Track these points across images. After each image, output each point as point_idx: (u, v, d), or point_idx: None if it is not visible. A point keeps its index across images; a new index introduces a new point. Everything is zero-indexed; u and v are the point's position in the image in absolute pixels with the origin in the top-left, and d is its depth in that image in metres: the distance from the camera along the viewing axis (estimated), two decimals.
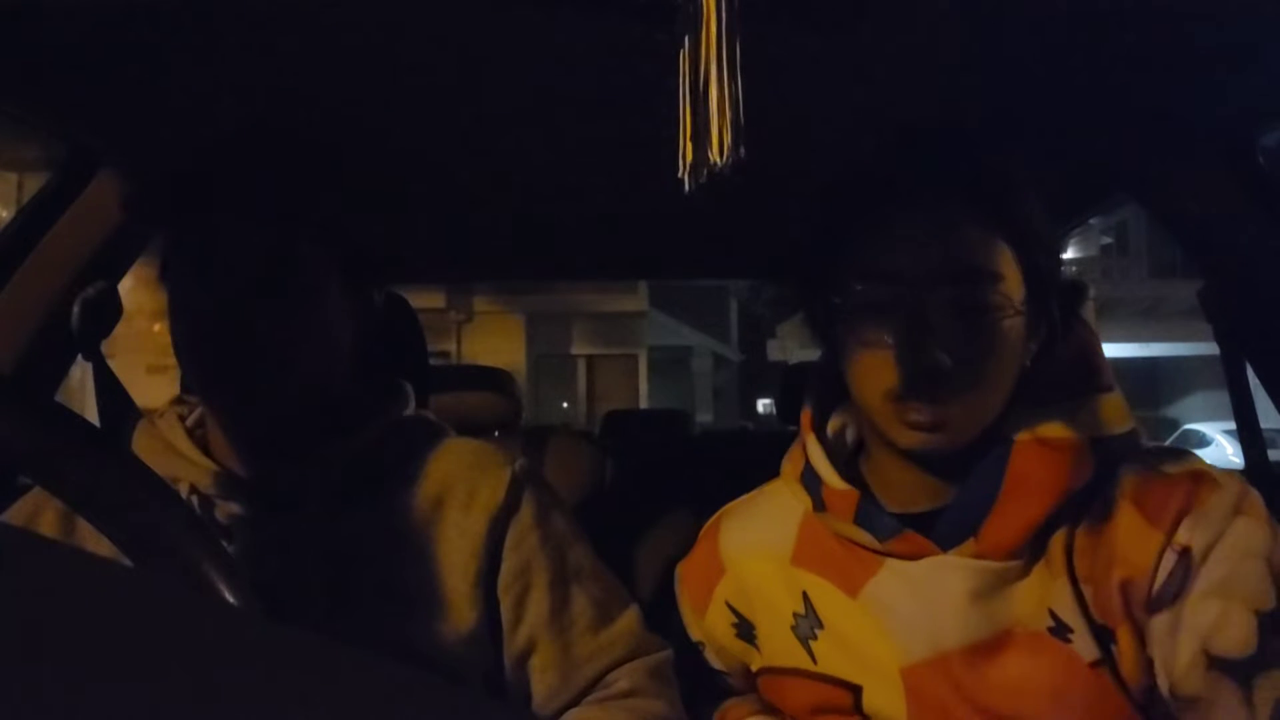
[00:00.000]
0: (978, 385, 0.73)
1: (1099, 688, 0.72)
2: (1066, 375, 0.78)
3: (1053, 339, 0.78)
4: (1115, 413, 0.77)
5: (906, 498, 0.80)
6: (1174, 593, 0.70)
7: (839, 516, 0.80)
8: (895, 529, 0.77)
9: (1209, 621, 0.67)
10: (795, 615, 0.84)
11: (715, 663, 0.94)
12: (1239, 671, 0.66)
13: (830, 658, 0.81)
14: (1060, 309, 0.78)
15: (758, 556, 0.88)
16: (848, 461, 0.84)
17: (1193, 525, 0.70)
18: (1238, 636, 0.67)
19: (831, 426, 0.87)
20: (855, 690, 0.79)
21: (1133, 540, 0.72)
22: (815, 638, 0.82)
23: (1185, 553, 0.70)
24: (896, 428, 0.74)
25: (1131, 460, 0.75)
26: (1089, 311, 0.81)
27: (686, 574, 0.95)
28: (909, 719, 0.76)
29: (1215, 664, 0.67)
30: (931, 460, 0.77)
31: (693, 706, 0.90)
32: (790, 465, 0.88)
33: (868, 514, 0.79)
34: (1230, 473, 0.74)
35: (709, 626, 0.92)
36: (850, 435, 0.87)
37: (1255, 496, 0.72)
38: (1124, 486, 0.74)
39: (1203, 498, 0.71)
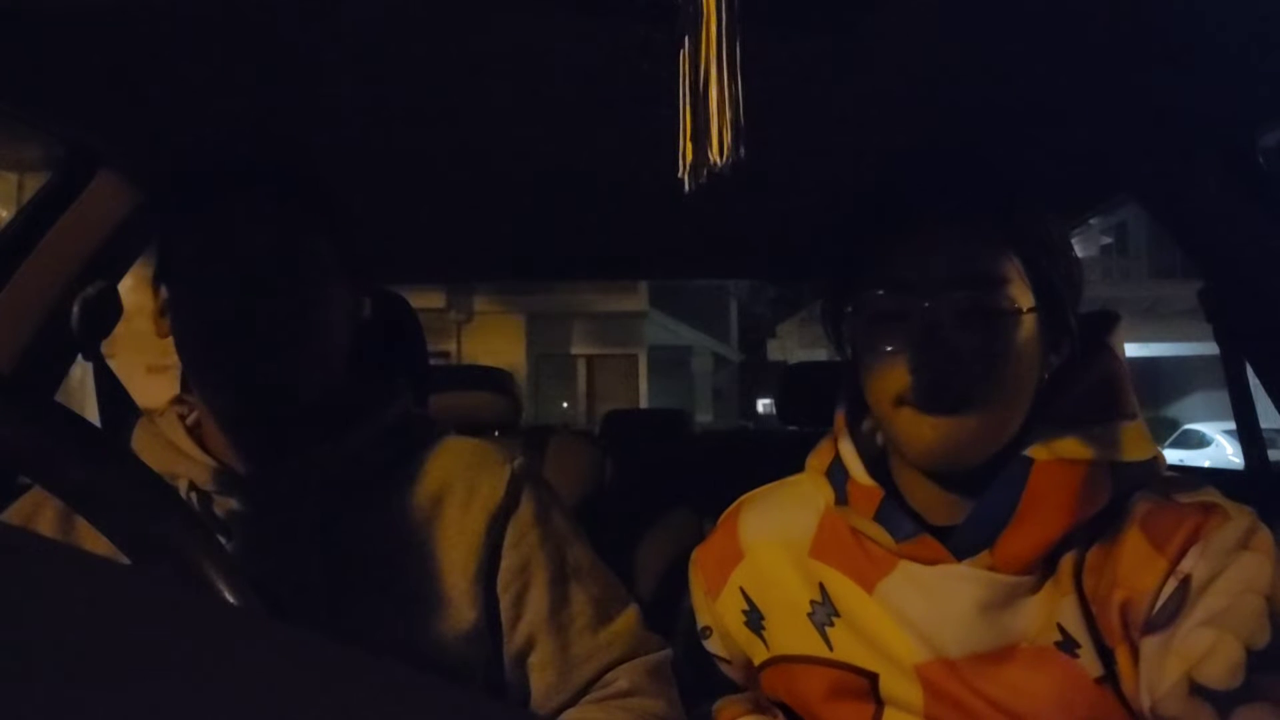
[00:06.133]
0: (987, 393, 0.74)
1: (1105, 703, 0.73)
2: (1090, 400, 0.79)
3: (1072, 354, 0.79)
4: (1136, 440, 0.78)
5: (926, 510, 0.81)
6: (1168, 617, 0.71)
7: (860, 512, 0.82)
8: (913, 531, 0.79)
9: (1199, 649, 0.68)
10: (812, 603, 0.85)
11: (719, 650, 0.94)
12: (1220, 702, 0.67)
13: (846, 645, 0.82)
14: (1085, 331, 0.80)
15: (777, 544, 0.90)
16: (875, 463, 0.85)
17: (1198, 555, 0.71)
18: (1225, 668, 0.67)
19: (864, 428, 0.89)
20: (872, 678, 0.81)
21: (1137, 564, 0.73)
22: (832, 625, 0.84)
23: (1186, 581, 0.71)
24: (907, 439, 0.76)
25: (1148, 487, 0.76)
26: (1118, 341, 0.82)
27: (702, 558, 0.97)
28: (925, 708, 0.78)
29: (1197, 690, 0.68)
30: (949, 474, 0.79)
31: (691, 706, 0.90)
32: (817, 459, 0.90)
33: (888, 513, 0.80)
34: (1243, 507, 0.74)
35: (719, 611, 0.93)
36: (880, 440, 0.88)
37: (1265, 533, 0.73)
38: (1136, 512, 0.75)
39: (1211, 529, 0.72)
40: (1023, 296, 0.75)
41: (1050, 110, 1.01)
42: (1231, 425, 1.47)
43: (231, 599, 0.50)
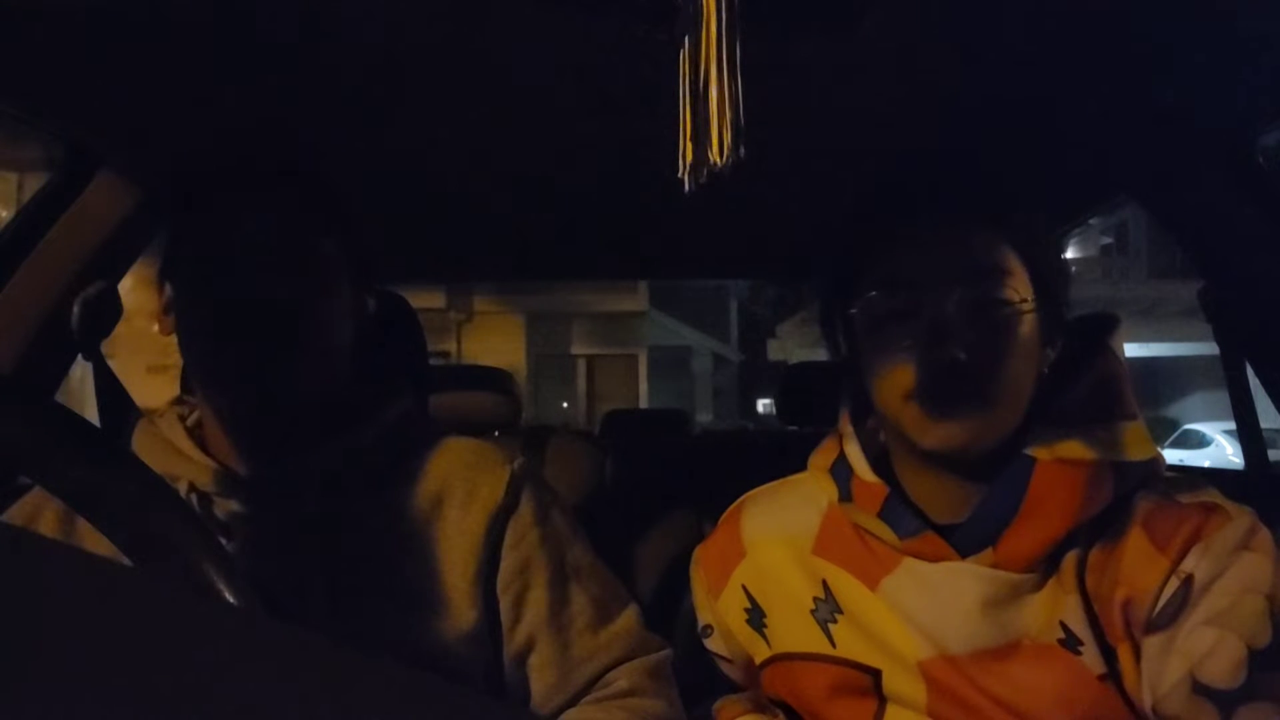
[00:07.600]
0: (993, 385, 0.75)
1: (1107, 700, 0.73)
2: (1090, 400, 0.80)
3: (1067, 349, 0.80)
4: (1137, 440, 0.78)
5: (930, 507, 0.82)
6: (1171, 616, 0.71)
7: (864, 509, 0.83)
8: (917, 528, 0.79)
9: (1201, 648, 0.69)
10: (815, 599, 0.86)
11: (720, 649, 0.94)
12: (1223, 700, 0.67)
13: (850, 642, 0.83)
14: (1084, 332, 0.82)
15: (779, 542, 0.90)
16: (878, 461, 0.86)
17: (1200, 555, 0.72)
18: (1227, 667, 0.68)
19: (868, 426, 0.90)
20: (875, 674, 0.81)
21: (1139, 564, 0.73)
22: (835, 622, 0.84)
23: (1188, 580, 0.71)
24: (919, 427, 0.77)
25: (1149, 487, 0.77)
26: (1118, 343, 0.83)
27: (704, 556, 0.97)
28: (929, 704, 0.78)
29: (1200, 689, 0.68)
30: (954, 467, 0.79)
31: (691, 706, 0.90)
32: (820, 458, 0.90)
33: (892, 510, 0.81)
34: (1243, 507, 0.75)
35: (721, 610, 0.93)
36: (882, 439, 0.89)
37: (1265, 533, 0.73)
38: (1138, 511, 0.75)
39: (1212, 529, 0.72)
40: (1023, 290, 0.76)
41: (1050, 110, 1.01)
42: (1231, 425, 1.47)
43: (232, 600, 0.50)
